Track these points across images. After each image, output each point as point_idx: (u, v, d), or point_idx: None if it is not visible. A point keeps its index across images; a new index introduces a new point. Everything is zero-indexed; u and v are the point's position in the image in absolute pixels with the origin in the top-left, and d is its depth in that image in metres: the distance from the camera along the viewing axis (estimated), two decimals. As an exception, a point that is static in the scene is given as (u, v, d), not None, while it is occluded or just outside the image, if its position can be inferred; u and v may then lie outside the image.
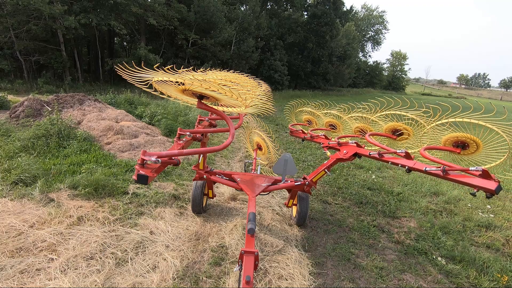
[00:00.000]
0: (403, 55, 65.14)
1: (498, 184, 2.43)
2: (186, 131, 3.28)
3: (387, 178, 7.09)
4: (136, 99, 12.45)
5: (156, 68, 2.80)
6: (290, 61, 34.95)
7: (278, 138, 10.46)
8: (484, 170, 2.49)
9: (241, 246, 3.78)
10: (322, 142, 4.46)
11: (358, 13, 61.28)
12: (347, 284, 3.37)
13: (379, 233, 4.54)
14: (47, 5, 16.33)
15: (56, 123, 6.84)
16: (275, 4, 37.11)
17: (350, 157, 3.75)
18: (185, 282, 3.13)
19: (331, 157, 3.99)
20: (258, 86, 4.36)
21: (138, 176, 2.08)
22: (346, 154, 3.77)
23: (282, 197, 5.53)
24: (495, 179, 2.46)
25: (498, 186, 2.42)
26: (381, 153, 3.34)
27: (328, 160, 4.03)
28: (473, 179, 2.55)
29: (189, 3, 23.61)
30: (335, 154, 3.97)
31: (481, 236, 4.73)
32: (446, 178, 2.66)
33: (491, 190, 2.40)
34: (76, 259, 3.21)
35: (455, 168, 2.62)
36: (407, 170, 3.03)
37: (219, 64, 26.29)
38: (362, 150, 3.68)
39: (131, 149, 6.96)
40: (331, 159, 3.98)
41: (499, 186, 2.42)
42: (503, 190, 6.95)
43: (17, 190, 4.46)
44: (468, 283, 3.58)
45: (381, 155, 3.32)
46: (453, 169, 2.63)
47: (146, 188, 5.09)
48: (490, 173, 2.51)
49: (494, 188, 2.40)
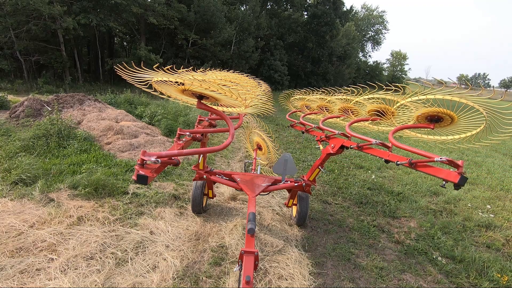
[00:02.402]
0: (403, 55, 65.14)
1: (461, 176, 2.34)
2: (186, 131, 3.28)
3: (387, 178, 7.09)
4: (136, 99, 12.45)
5: (155, 68, 2.80)
6: (290, 61, 34.96)
7: (278, 138, 10.46)
8: (449, 160, 2.40)
9: (241, 246, 3.78)
10: (316, 135, 4.48)
11: (358, 13, 61.28)
12: (347, 284, 3.37)
13: (379, 233, 4.54)
14: (47, 5, 16.33)
15: (56, 123, 6.84)
16: (275, 4, 37.12)
17: (338, 150, 3.79)
18: (185, 282, 3.13)
19: (322, 152, 4.03)
20: (258, 86, 4.35)
21: (137, 176, 2.08)
22: (334, 148, 3.81)
23: (282, 197, 5.53)
24: (460, 171, 2.37)
25: (461, 178, 2.33)
26: (359, 145, 3.36)
27: (320, 157, 4.07)
28: (438, 170, 2.51)
29: (189, 3, 23.63)
30: (325, 149, 4.01)
31: (481, 236, 4.73)
32: (414, 168, 2.66)
33: (454, 182, 2.34)
34: (76, 259, 3.21)
35: (421, 161, 2.60)
36: (385, 161, 3.06)
37: (219, 64, 26.29)
38: (347, 142, 3.71)
39: (131, 149, 6.95)
40: (322, 154, 4.02)
41: (462, 178, 2.33)
42: (503, 190, 6.95)
43: (17, 190, 4.46)
44: (468, 283, 3.58)
45: (360, 147, 3.35)
46: (419, 161, 2.61)
47: (146, 188, 5.09)
48: (457, 163, 2.40)
49: (456, 181, 2.33)
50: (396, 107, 3.39)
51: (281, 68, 32.37)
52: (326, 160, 4.06)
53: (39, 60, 19.97)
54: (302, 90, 5.50)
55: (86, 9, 18.96)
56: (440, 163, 2.44)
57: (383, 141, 3.19)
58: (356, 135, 3.53)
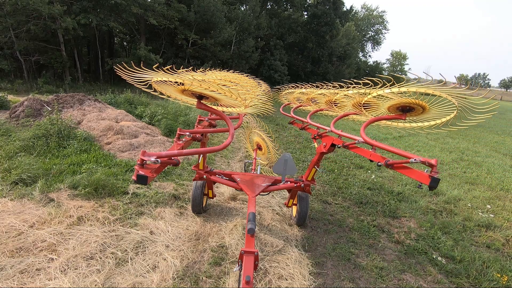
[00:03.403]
0: (403, 55, 65.11)
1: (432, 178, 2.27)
2: (185, 131, 3.28)
3: (387, 178, 7.09)
4: (136, 99, 12.44)
5: (155, 69, 2.80)
6: (290, 61, 34.96)
7: (278, 138, 10.46)
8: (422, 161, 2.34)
9: (241, 246, 3.78)
10: (311, 132, 4.50)
11: (358, 13, 61.26)
12: (347, 284, 3.37)
13: (379, 233, 4.54)
14: (46, 5, 16.32)
15: (56, 123, 6.84)
16: (275, 4, 37.12)
17: (330, 149, 3.82)
18: (185, 282, 3.13)
19: (316, 151, 4.07)
20: (258, 86, 4.35)
21: (137, 177, 2.08)
22: (325, 147, 3.85)
23: (282, 197, 5.53)
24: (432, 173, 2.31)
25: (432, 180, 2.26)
26: (345, 144, 3.40)
27: (315, 156, 4.10)
28: (411, 171, 2.49)
29: (189, 3, 23.61)
30: (318, 147, 4.04)
31: (481, 236, 4.73)
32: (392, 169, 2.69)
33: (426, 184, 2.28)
34: (76, 259, 3.21)
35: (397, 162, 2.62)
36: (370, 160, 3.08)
37: (219, 64, 26.30)
38: (336, 140, 3.75)
39: (131, 149, 6.95)
40: (317, 153, 4.06)
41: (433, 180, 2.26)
42: (503, 190, 6.94)
43: (17, 190, 4.46)
44: (468, 283, 3.58)
45: (346, 146, 3.38)
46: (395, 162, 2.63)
47: (146, 188, 5.09)
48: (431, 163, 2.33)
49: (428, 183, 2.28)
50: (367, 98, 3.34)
51: (281, 68, 32.36)
52: (320, 159, 4.07)
53: (39, 60, 19.96)
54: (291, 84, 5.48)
55: (86, 9, 18.95)
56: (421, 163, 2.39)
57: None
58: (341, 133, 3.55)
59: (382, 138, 12.15)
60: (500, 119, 24.66)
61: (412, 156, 2.46)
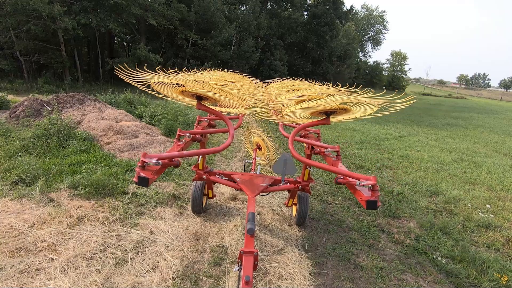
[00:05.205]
0: (403, 55, 65.07)
1: (367, 202, 2.28)
2: (185, 132, 3.28)
3: (387, 178, 7.09)
4: (136, 99, 12.44)
5: (157, 70, 2.80)
6: (290, 61, 34.98)
7: (278, 138, 10.46)
8: (363, 185, 2.39)
9: (241, 246, 3.78)
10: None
11: (358, 13, 61.32)
12: (347, 284, 3.37)
13: (379, 233, 4.54)
14: (46, 5, 16.32)
15: (56, 123, 6.84)
16: (275, 4, 37.15)
17: (312, 151, 3.99)
18: (185, 282, 3.13)
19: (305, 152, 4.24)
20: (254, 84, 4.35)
21: (138, 179, 2.09)
22: (308, 149, 4.07)
23: (282, 197, 5.53)
24: (372, 197, 2.34)
25: (367, 203, 2.28)
26: (314, 151, 3.73)
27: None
28: (356, 192, 2.56)
29: (189, 3, 23.62)
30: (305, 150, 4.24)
31: (481, 236, 4.73)
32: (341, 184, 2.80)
33: (364, 206, 2.33)
34: (76, 259, 3.21)
35: (344, 182, 2.76)
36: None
37: (219, 64, 26.29)
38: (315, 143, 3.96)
39: (131, 149, 6.95)
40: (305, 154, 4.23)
41: (369, 204, 2.27)
42: (503, 190, 6.94)
43: (17, 190, 4.46)
44: (468, 283, 3.58)
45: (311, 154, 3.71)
46: (343, 182, 2.76)
47: (146, 188, 5.09)
48: (374, 187, 2.37)
49: (365, 206, 2.31)
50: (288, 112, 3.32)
51: (281, 68, 32.38)
52: (309, 159, 4.08)
53: (39, 60, 19.95)
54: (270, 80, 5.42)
55: (86, 9, 18.95)
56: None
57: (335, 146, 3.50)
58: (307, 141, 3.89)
59: (382, 138, 12.14)
60: (500, 119, 24.66)
61: (359, 178, 2.52)
